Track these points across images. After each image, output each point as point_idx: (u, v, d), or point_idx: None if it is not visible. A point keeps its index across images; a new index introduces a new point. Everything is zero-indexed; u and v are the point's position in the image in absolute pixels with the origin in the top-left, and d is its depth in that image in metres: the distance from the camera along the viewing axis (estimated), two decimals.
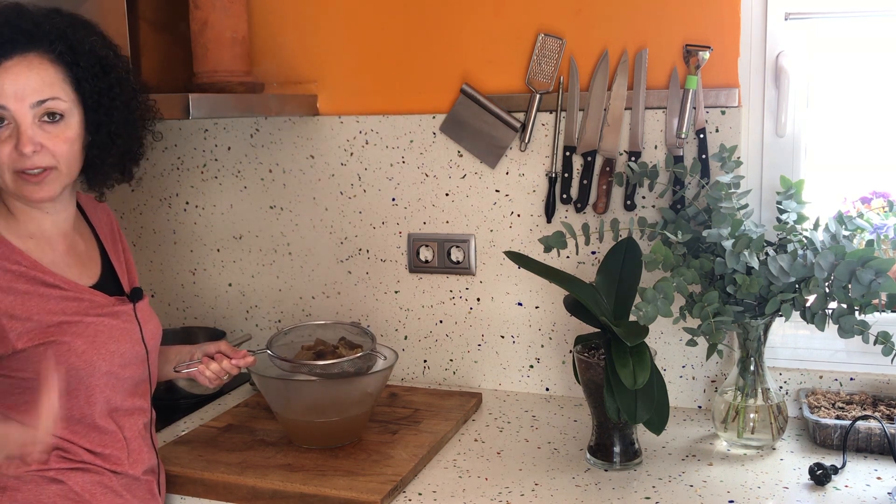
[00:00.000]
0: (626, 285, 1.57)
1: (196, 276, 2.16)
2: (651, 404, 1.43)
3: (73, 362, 1.25)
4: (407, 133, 1.92)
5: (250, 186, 2.07)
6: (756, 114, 1.73)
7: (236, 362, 1.52)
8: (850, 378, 1.71)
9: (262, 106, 1.83)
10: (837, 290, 1.38)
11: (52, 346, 1.23)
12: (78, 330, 1.26)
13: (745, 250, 1.44)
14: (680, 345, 1.78)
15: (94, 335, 1.28)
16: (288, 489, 1.45)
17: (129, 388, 1.36)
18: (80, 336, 1.26)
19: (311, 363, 1.58)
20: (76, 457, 1.29)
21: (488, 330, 1.93)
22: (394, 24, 1.91)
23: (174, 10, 1.88)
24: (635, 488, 1.44)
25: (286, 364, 1.59)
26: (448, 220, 1.93)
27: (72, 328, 1.26)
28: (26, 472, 1.26)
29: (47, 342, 1.23)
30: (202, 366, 1.51)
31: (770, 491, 1.42)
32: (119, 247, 1.46)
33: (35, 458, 1.21)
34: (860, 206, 1.68)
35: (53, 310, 1.25)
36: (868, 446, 1.54)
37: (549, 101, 1.81)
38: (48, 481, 1.27)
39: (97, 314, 1.30)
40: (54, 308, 1.25)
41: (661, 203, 1.76)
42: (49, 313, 1.24)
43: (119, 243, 1.46)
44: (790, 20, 1.68)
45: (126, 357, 1.34)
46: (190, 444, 1.64)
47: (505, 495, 1.42)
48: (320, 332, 1.70)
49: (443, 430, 1.66)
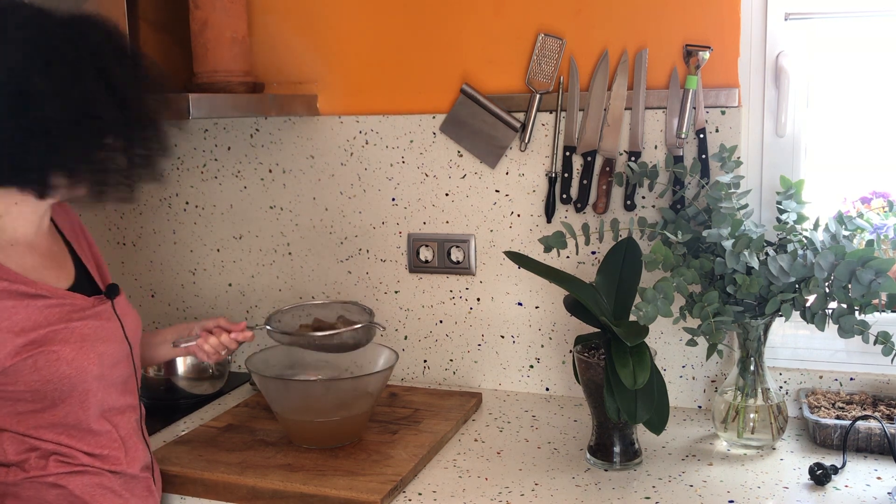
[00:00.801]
0: (626, 285, 1.57)
1: (196, 276, 2.16)
2: (651, 404, 1.43)
3: (63, 371, 1.24)
4: (407, 133, 1.92)
5: (250, 186, 2.07)
6: (756, 114, 1.73)
7: (235, 336, 1.52)
8: (850, 378, 1.71)
9: (262, 106, 1.84)
10: (837, 290, 1.38)
11: (41, 357, 1.22)
12: (64, 337, 1.25)
13: (745, 250, 1.44)
14: (680, 345, 1.78)
15: (81, 340, 1.27)
16: (288, 489, 1.45)
17: (119, 386, 1.36)
18: (67, 343, 1.25)
19: (310, 335, 1.57)
20: (75, 460, 1.28)
21: (488, 330, 1.93)
22: (394, 24, 1.91)
23: (174, 10, 1.87)
24: (635, 488, 1.44)
25: (285, 337, 1.58)
26: (448, 220, 1.93)
27: (58, 336, 1.24)
28: (25, 479, 1.25)
29: (35, 353, 1.21)
30: (200, 340, 1.51)
31: (770, 491, 1.42)
32: (85, 244, 1.43)
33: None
34: (860, 206, 1.68)
35: (39, 321, 1.23)
36: (868, 446, 1.54)
37: (549, 101, 1.81)
38: (48, 486, 1.27)
39: (80, 318, 1.29)
40: (39, 319, 1.23)
41: (661, 203, 1.76)
42: (35, 326, 1.22)
43: (84, 240, 1.44)
44: (790, 20, 1.68)
45: (114, 357, 1.33)
46: (190, 444, 1.64)
47: (505, 495, 1.42)
48: (318, 311, 1.69)
49: (443, 430, 1.66)
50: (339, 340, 1.57)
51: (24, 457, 1.25)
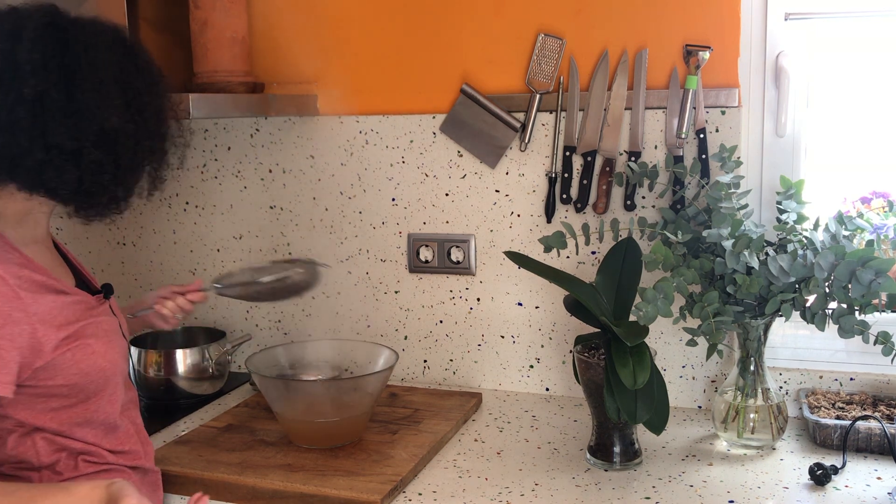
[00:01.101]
0: (626, 285, 1.57)
1: (196, 276, 2.15)
2: (651, 404, 1.43)
3: (99, 364, 1.27)
4: (407, 133, 1.92)
5: (250, 186, 2.07)
6: (756, 114, 1.73)
7: (190, 297, 1.58)
8: (850, 378, 1.71)
9: (262, 106, 1.84)
10: (837, 290, 1.38)
11: (78, 351, 1.24)
12: (92, 331, 1.27)
13: (745, 250, 1.44)
14: (680, 345, 1.78)
15: (105, 334, 1.30)
16: (288, 489, 1.45)
17: (125, 381, 1.39)
18: (95, 337, 1.27)
19: (259, 281, 1.61)
20: (101, 459, 1.30)
21: (488, 330, 1.93)
22: (394, 24, 1.91)
23: (174, 10, 1.88)
24: (635, 488, 1.44)
25: (236, 289, 1.62)
26: (448, 220, 1.93)
27: (88, 330, 1.27)
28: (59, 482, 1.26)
29: (73, 347, 1.24)
30: (158, 306, 1.55)
31: (770, 491, 1.42)
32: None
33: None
34: (860, 206, 1.68)
35: (71, 316, 1.25)
36: (868, 446, 1.54)
37: (549, 101, 1.81)
38: None
39: (98, 314, 1.31)
40: (70, 314, 1.25)
41: (661, 203, 1.76)
42: (70, 320, 1.24)
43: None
44: (790, 20, 1.68)
45: (123, 351, 1.37)
46: (190, 444, 1.64)
47: (505, 495, 1.42)
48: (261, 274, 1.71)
49: (443, 430, 1.66)
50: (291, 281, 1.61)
51: (55, 458, 1.27)
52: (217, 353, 1.93)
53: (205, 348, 1.92)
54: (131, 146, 1.22)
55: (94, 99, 1.16)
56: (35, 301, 1.19)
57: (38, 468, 1.26)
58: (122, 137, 1.20)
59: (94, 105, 1.16)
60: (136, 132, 1.22)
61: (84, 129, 1.16)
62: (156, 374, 1.89)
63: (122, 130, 1.20)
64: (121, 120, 1.19)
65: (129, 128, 1.21)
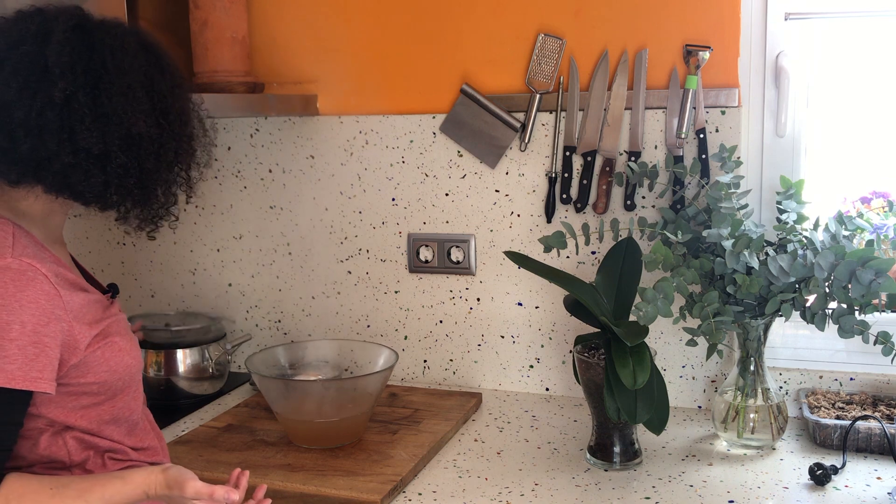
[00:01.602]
0: (626, 285, 1.57)
1: (196, 276, 2.16)
2: (651, 404, 1.43)
3: (126, 361, 1.27)
4: (407, 133, 1.92)
5: (250, 186, 2.07)
6: (756, 114, 1.73)
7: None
8: (850, 378, 1.71)
9: (262, 106, 1.84)
10: (837, 290, 1.38)
11: (107, 348, 1.24)
12: (116, 329, 1.28)
13: (745, 250, 1.44)
14: (680, 345, 1.78)
15: (126, 332, 1.31)
16: (288, 489, 1.45)
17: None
18: (119, 335, 1.28)
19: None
20: (126, 456, 1.31)
21: (488, 330, 1.93)
22: (394, 24, 1.91)
23: (174, 10, 1.88)
24: (635, 488, 1.44)
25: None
26: (448, 220, 1.93)
27: (112, 328, 1.27)
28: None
29: (102, 345, 1.24)
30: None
31: (770, 491, 1.42)
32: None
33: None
34: (860, 206, 1.68)
35: (97, 315, 1.25)
36: (868, 446, 1.54)
37: (549, 101, 1.81)
38: None
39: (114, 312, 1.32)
40: (96, 312, 1.25)
41: (661, 203, 1.76)
42: (98, 318, 1.25)
43: None
44: (790, 20, 1.68)
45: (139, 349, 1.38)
46: (190, 444, 1.64)
47: (505, 495, 1.42)
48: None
49: (443, 430, 1.66)
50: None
51: (84, 455, 1.27)
52: (217, 353, 1.93)
53: (205, 348, 1.92)
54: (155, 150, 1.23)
55: (121, 103, 1.17)
56: (71, 299, 1.20)
57: (70, 467, 1.26)
58: (146, 142, 1.20)
59: (121, 109, 1.17)
60: (161, 136, 1.23)
61: (111, 133, 1.16)
62: (156, 374, 1.89)
63: (148, 135, 1.20)
64: (147, 124, 1.20)
65: (154, 132, 1.21)
